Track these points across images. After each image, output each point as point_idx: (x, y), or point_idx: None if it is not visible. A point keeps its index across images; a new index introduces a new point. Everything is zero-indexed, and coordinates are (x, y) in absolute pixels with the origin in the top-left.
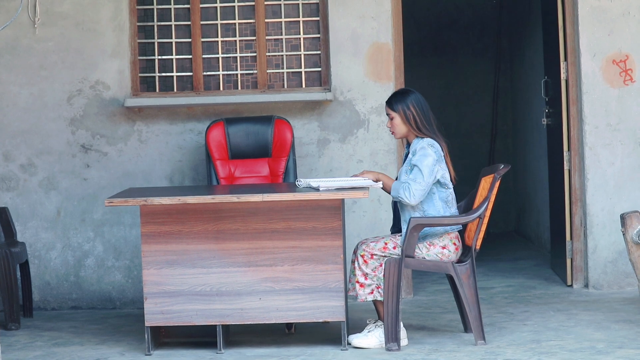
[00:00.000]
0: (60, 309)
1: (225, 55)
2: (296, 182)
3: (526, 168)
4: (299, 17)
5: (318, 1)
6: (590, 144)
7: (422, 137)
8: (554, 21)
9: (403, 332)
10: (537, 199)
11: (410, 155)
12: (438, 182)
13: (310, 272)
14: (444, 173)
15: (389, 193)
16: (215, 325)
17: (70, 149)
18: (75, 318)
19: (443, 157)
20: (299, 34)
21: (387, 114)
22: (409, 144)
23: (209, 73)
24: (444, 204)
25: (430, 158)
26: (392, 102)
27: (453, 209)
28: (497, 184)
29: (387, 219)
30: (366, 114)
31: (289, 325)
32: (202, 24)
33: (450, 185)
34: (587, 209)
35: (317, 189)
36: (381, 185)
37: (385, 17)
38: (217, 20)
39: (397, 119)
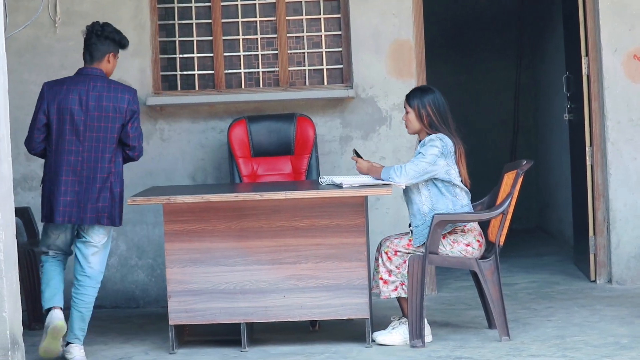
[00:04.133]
0: None
1: (246, 53)
2: (319, 180)
3: (548, 164)
4: (320, 14)
5: None
6: (613, 139)
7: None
8: (575, 17)
9: (427, 329)
10: (559, 194)
11: (419, 148)
12: (442, 180)
13: (334, 269)
14: (448, 169)
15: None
16: (239, 324)
17: None
18: (98, 317)
19: (452, 155)
20: (321, 31)
21: (404, 107)
22: (420, 142)
23: (230, 71)
24: (452, 197)
25: (436, 149)
26: (410, 97)
27: (464, 202)
28: (520, 180)
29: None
30: (388, 110)
31: (313, 323)
32: (223, 22)
33: (457, 182)
34: (609, 204)
35: (340, 186)
36: (404, 185)
37: (407, 13)
38: (238, 18)
39: (412, 115)
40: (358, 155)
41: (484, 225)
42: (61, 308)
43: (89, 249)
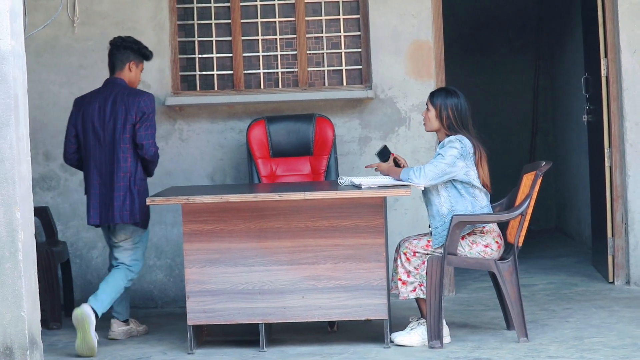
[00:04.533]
0: None
1: (265, 54)
2: (338, 180)
3: (567, 165)
4: (339, 15)
5: None
6: (631, 140)
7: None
8: (594, 18)
9: (445, 330)
10: (578, 196)
11: (438, 149)
12: (461, 182)
13: (352, 270)
14: (467, 171)
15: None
16: (258, 324)
17: None
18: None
19: (471, 157)
20: (340, 32)
21: (426, 104)
22: (439, 143)
23: (249, 71)
24: (472, 198)
25: (455, 150)
26: (434, 96)
27: (483, 203)
28: (539, 181)
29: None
30: (407, 111)
31: (331, 324)
32: (242, 22)
33: (476, 183)
34: (628, 206)
35: (359, 187)
36: (423, 186)
37: (426, 14)
38: (257, 18)
39: (432, 113)
40: (387, 152)
41: (503, 226)
42: (92, 307)
43: (115, 246)
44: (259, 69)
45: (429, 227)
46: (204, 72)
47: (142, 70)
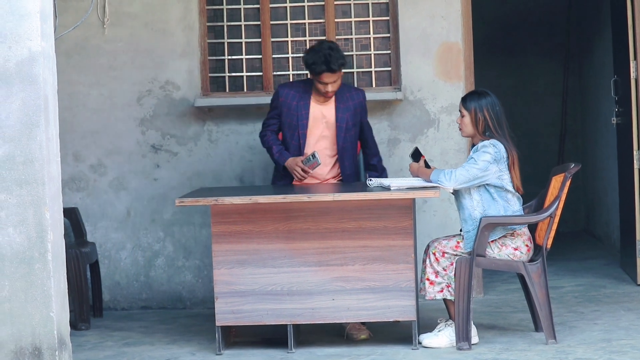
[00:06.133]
0: (130, 309)
1: (295, 55)
2: (367, 182)
3: (596, 167)
4: (368, 16)
5: (388, 1)
6: None
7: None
8: (624, 20)
9: (474, 331)
10: (606, 198)
11: (471, 153)
12: (494, 186)
13: (381, 271)
14: (501, 175)
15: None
16: (286, 325)
17: (140, 149)
18: (145, 318)
19: (505, 161)
20: (369, 34)
21: (460, 110)
22: (473, 146)
23: (278, 73)
24: (505, 202)
25: (488, 155)
26: (467, 100)
27: (516, 208)
28: (567, 183)
29: (457, 218)
30: (436, 113)
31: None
32: (272, 24)
33: (509, 187)
34: None
35: (388, 189)
36: (452, 189)
37: (455, 16)
38: (287, 20)
39: (467, 119)
40: (419, 154)
41: (532, 228)
42: None
43: None
44: (289, 70)
45: (460, 230)
46: (234, 74)
47: (325, 80)
